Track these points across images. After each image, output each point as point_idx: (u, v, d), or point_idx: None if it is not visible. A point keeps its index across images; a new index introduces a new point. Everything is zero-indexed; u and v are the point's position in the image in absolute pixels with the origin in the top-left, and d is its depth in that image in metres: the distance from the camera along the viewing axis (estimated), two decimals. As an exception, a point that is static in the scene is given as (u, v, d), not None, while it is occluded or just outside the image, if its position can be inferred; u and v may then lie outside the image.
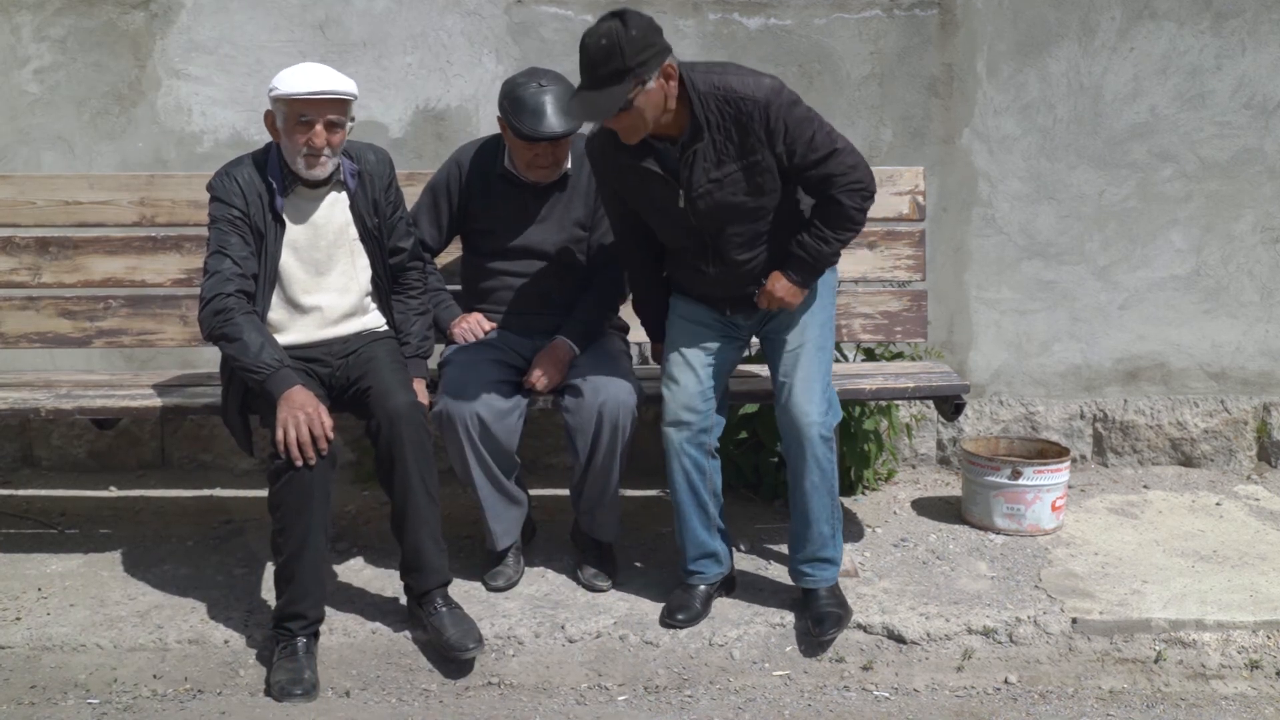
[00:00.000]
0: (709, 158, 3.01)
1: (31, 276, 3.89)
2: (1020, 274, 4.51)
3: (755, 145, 2.99)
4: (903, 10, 4.40)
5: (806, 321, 3.28)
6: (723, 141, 3.00)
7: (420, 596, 3.20)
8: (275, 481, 3.02)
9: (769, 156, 3.01)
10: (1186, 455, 4.58)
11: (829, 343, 3.32)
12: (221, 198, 3.19)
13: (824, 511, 3.26)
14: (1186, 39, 4.41)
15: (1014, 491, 3.87)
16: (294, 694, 3.01)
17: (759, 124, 2.96)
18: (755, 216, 3.11)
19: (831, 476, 3.25)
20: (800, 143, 2.99)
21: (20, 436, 4.54)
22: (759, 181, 3.04)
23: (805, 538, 3.28)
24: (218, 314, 3.07)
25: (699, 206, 3.07)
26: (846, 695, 3.13)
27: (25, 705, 3.04)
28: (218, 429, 4.49)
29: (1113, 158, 4.46)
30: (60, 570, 3.62)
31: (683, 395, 3.25)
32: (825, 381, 3.23)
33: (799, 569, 3.31)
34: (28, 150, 4.37)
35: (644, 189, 3.13)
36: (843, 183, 3.04)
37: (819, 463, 3.19)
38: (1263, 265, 4.53)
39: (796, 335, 3.26)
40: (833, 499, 3.28)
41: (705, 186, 3.04)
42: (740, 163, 3.01)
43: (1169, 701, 3.12)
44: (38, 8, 4.32)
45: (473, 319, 3.56)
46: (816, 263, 3.14)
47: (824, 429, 3.17)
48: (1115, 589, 3.45)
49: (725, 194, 3.05)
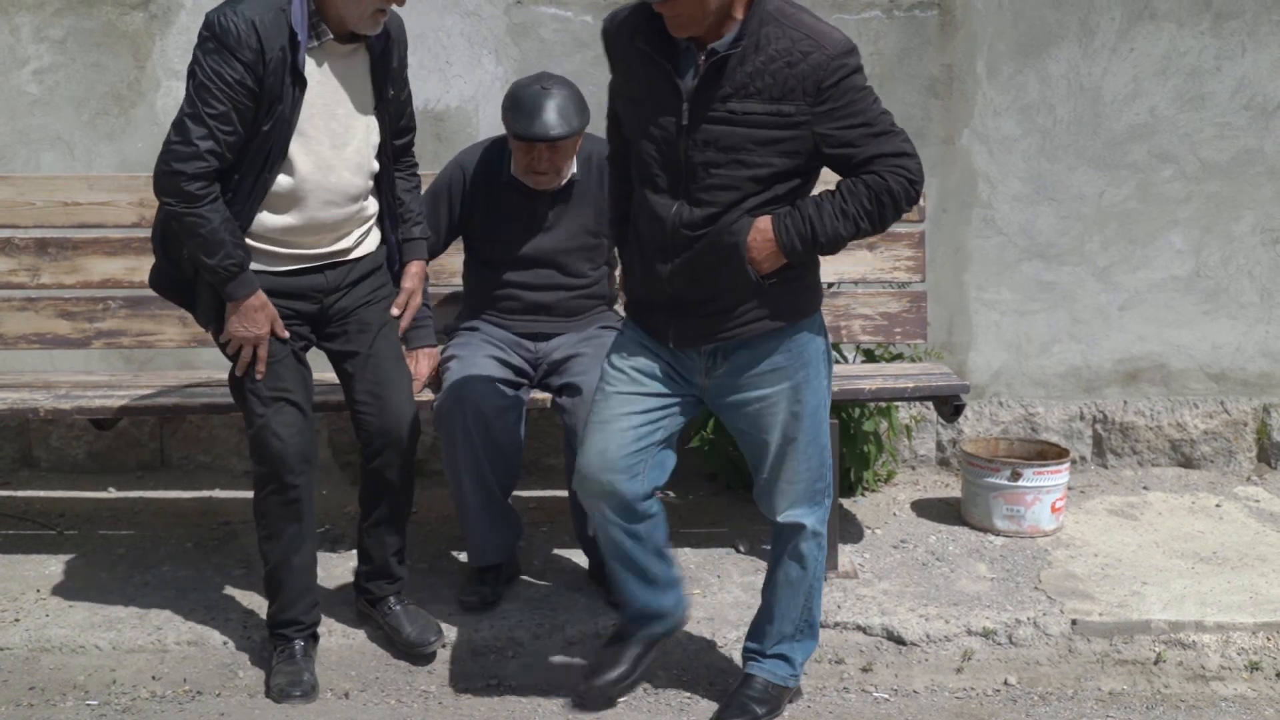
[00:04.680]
0: (736, 82, 2.51)
1: (30, 277, 3.88)
2: (1020, 275, 4.51)
3: (797, 95, 2.50)
4: (902, 11, 4.39)
5: (793, 414, 2.71)
6: (761, 72, 2.50)
7: (376, 600, 3.22)
8: (260, 489, 3.00)
9: (806, 112, 2.51)
10: (1186, 456, 4.58)
11: (822, 426, 2.78)
12: (228, 45, 2.68)
13: (792, 609, 2.90)
14: (1186, 40, 4.41)
15: (1014, 493, 3.87)
16: (293, 695, 3.01)
17: (813, 73, 2.49)
18: (755, 181, 2.57)
19: (813, 576, 2.88)
20: (851, 113, 2.53)
21: (19, 437, 4.54)
22: (777, 137, 2.53)
23: (763, 631, 2.96)
24: (186, 198, 2.73)
25: (697, 136, 2.55)
26: (846, 696, 3.13)
27: (24, 707, 3.03)
28: (217, 430, 4.48)
29: (1113, 159, 4.46)
30: (59, 571, 3.62)
31: (597, 458, 2.74)
32: (820, 474, 2.80)
33: (748, 647, 2.99)
34: (27, 151, 4.37)
35: (648, 90, 2.62)
36: (892, 164, 2.55)
37: (801, 560, 2.85)
38: (1263, 266, 4.53)
39: (780, 433, 2.72)
40: (808, 600, 2.90)
41: (720, 112, 2.53)
42: (769, 106, 2.51)
43: (1169, 703, 3.11)
44: (37, 8, 4.32)
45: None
46: (816, 231, 2.57)
47: (816, 525, 2.82)
48: (1115, 590, 3.44)
49: (736, 132, 2.53)
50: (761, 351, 2.68)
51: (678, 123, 2.56)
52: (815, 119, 2.52)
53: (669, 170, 2.60)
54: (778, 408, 2.71)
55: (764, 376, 2.70)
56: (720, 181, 2.56)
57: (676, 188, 2.60)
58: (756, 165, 2.55)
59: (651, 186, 2.64)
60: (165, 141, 2.78)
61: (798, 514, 2.81)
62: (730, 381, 2.72)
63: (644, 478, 2.74)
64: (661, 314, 2.70)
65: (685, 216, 2.59)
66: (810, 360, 2.72)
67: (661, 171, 2.61)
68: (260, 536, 3.05)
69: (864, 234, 2.62)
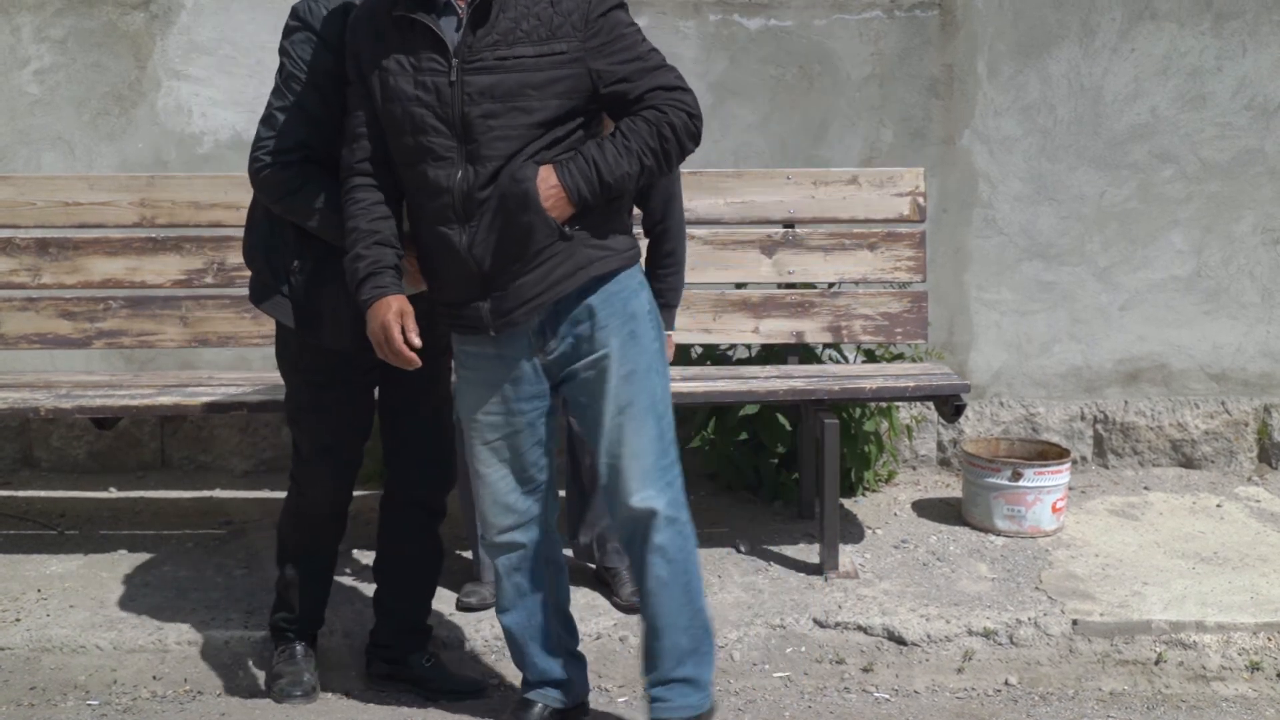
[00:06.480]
0: (501, 28, 2.42)
1: (31, 277, 3.89)
2: (1020, 275, 4.51)
3: (566, 31, 2.43)
4: (903, 11, 4.39)
5: (624, 376, 2.56)
6: (526, 15, 2.43)
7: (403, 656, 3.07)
8: (289, 518, 3.00)
9: (579, 49, 2.43)
10: (1187, 457, 4.58)
11: (662, 392, 2.61)
12: None
13: (679, 616, 2.62)
14: (1187, 40, 4.41)
15: (1014, 493, 3.87)
16: (294, 695, 3.00)
17: (578, 7, 2.43)
18: (536, 127, 2.44)
19: (685, 567, 2.62)
20: (622, 47, 2.47)
21: (20, 437, 4.54)
22: (554, 77, 2.43)
23: (656, 652, 2.65)
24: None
25: (470, 89, 2.42)
26: (847, 697, 3.13)
27: (25, 707, 3.03)
28: (218, 430, 4.49)
29: (1113, 159, 4.46)
30: (60, 571, 3.62)
31: (494, 499, 2.67)
32: (662, 447, 2.60)
33: (650, 692, 2.69)
34: (28, 151, 4.37)
35: (409, 57, 2.47)
36: (669, 98, 2.48)
37: (664, 553, 2.59)
38: (1263, 266, 4.53)
39: (614, 399, 2.56)
40: (689, 598, 2.63)
41: (489, 60, 2.42)
42: (540, 48, 2.42)
43: (1169, 703, 3.11)
44: (38, 8, 4.32)
45: None
46: (601, 172, 2.45)
47: (670, 509, 2.59)
48: (1116, 590, 3.44)
49: (510, 79, 2.42)
50: (581, 312, 2.55)
51: (448, 79, 2.44)
52: (589, 54, 2.44)
53: (446, 133, 2.46)
54: (609, 371, 2.56)
55: (589, 340, 2.56)
56: (501, 133, 2.44)
57: (458, 151, 2.46)
58: (535, 110, 2.44)
59: (430, 160, 2.48)
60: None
61: (649, 497, 2.57)
62: (562, 353, 2.58)
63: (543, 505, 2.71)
64: (476, 302, 2.54)
65: (472, 178, 2.46)
66: (636, 314, 2.59)
67: (438, 138, 2.47)
68: (278, 549, 3.05)
69: (651, 173, 2.52)
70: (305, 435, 2.90)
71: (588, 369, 2.58)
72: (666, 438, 2.62)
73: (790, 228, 3.99)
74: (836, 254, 3.99)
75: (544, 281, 2.50)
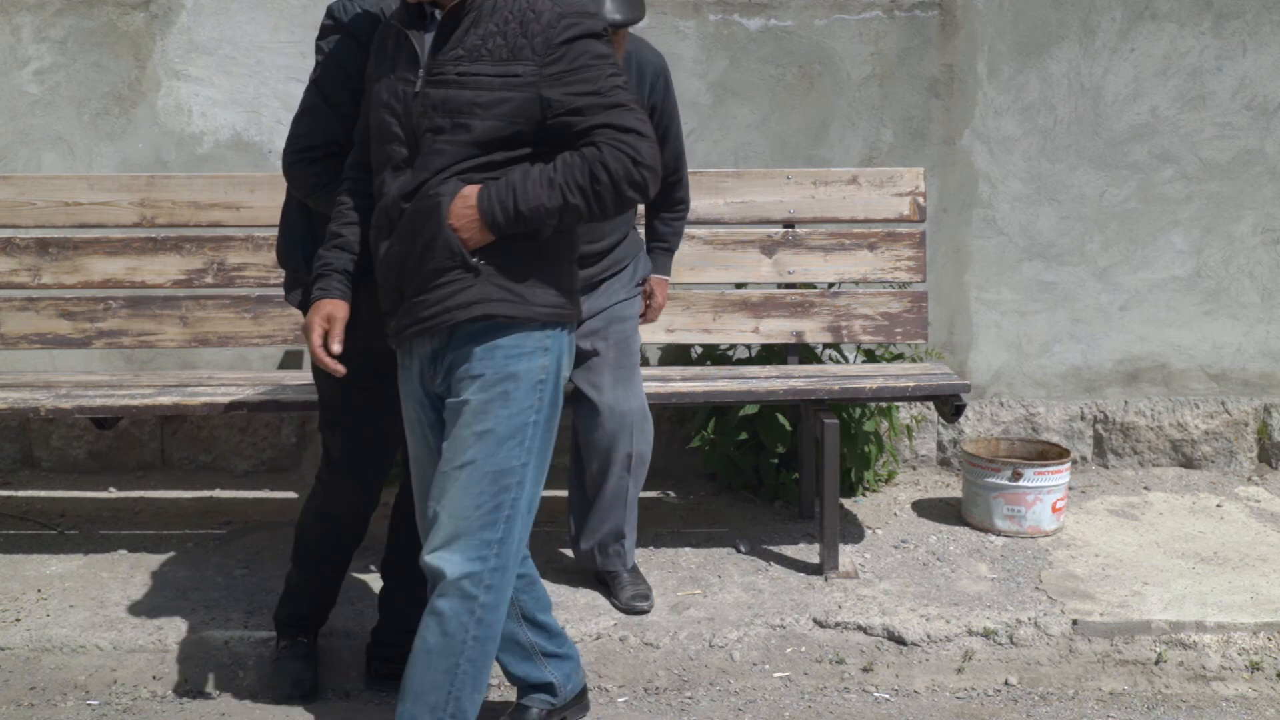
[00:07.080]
0: (468, 45, 2.38)
1: (31, 277, 3.89)
2: (1021, 275, 4.51)
3: (527, 54, 2.34)
4: (903, 11, 4.40)
5: (477, 434, 2.38)
6: (495, 34, 2.37)
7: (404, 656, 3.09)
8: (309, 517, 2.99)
9: (534, 73, 2.34)
10: (1187, 457, 4.58)
11: (520, 465, 2.41)
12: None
13: (430, 692, 2.40)
14: (1187, 40, 4.41)
15: (1014, 493, 3.87)
16: (294, 695, 3.01)
17: (544, 30, 2.35)
18: (473, 145, 2.37)
19: (460, 653, 2.39)
20: (582, 79, 2.35)
21: (20, 437, 4.54)
22: (501, 98, 2.34)
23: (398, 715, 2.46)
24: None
25: (426, 101, 2.38)
26: (847, 697, 3.13)
27: (25, 707, 3.04)
28: (218, 429, 4.49)
29: (1113, 159, 4.46)
30: (60, 571, 3.62)
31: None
32: (490, 520, 2.39)
33: None
34: (28, 151, 4.37)
35: (391, 64, 2.47)
36: (614, 137, 2.33)
37: (442, 621, 2.38)
38: (1263, 266, 4.53)
39: (458, 450, 2.39)
40: (453, 685, 2.39)
41: (448, 75, 2.37)
42: (498, 68, 2.35)
43: (1169, 703, 3.11)
44: (38, 8, 4.32)
45: None
46: (518, 199, 2.33)
47: (467, 581, 2.37)
48: (1116, 590, 3.44)
49: (461, 95, 2.35)
50: (465, 352, 2.40)
51: (411, 90, 2.41)
52: (543, 80, 2.34)
53: (403, 143, 2.42)
54: (464, 421, 2.39)
55: (463, 382, 2.41)
56: (440, 147, 2.37)
57: (407, 161, 2.42)
58: (475, 129, 2.35)
59: (389, 169, 2.44)
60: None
61: (443, 558, 2.38)
62: (442, 386, 2.47)
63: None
64: (389, 313, 2.49)
65: (401, 189, 2.40)
66: (518, 376, 2.40)
67: (397, 147, 2.43)
68: (295, 545, 3.04)
69: (576, 213, 2.35)
70: (342, 439, 2.87)
71: (452, 410, 2.43)
72: (502, 513, 2.40)
73: (790, 228, 4.00)
74: (836, 254, 3.99)
75: (437, 305, 2.39)
